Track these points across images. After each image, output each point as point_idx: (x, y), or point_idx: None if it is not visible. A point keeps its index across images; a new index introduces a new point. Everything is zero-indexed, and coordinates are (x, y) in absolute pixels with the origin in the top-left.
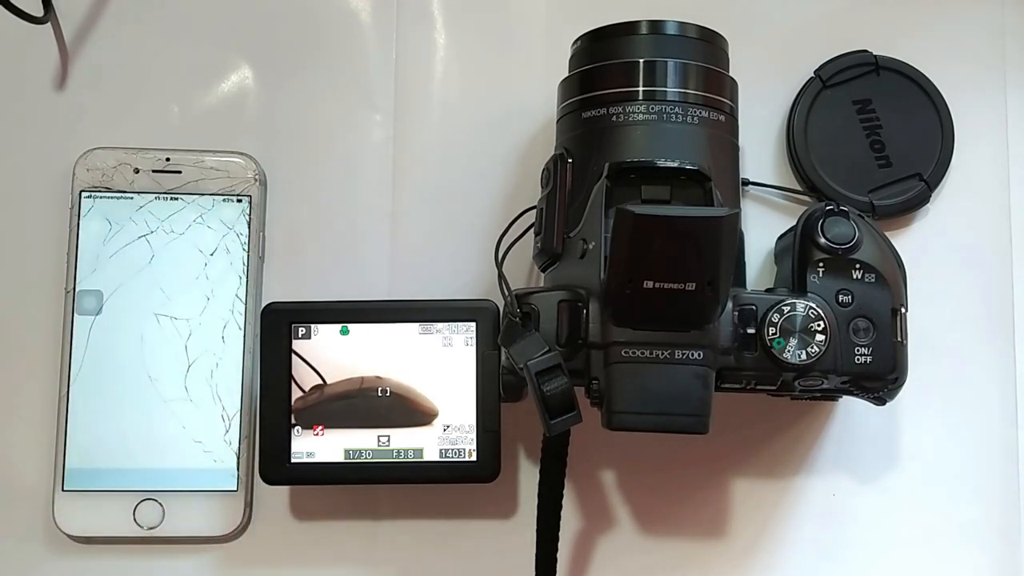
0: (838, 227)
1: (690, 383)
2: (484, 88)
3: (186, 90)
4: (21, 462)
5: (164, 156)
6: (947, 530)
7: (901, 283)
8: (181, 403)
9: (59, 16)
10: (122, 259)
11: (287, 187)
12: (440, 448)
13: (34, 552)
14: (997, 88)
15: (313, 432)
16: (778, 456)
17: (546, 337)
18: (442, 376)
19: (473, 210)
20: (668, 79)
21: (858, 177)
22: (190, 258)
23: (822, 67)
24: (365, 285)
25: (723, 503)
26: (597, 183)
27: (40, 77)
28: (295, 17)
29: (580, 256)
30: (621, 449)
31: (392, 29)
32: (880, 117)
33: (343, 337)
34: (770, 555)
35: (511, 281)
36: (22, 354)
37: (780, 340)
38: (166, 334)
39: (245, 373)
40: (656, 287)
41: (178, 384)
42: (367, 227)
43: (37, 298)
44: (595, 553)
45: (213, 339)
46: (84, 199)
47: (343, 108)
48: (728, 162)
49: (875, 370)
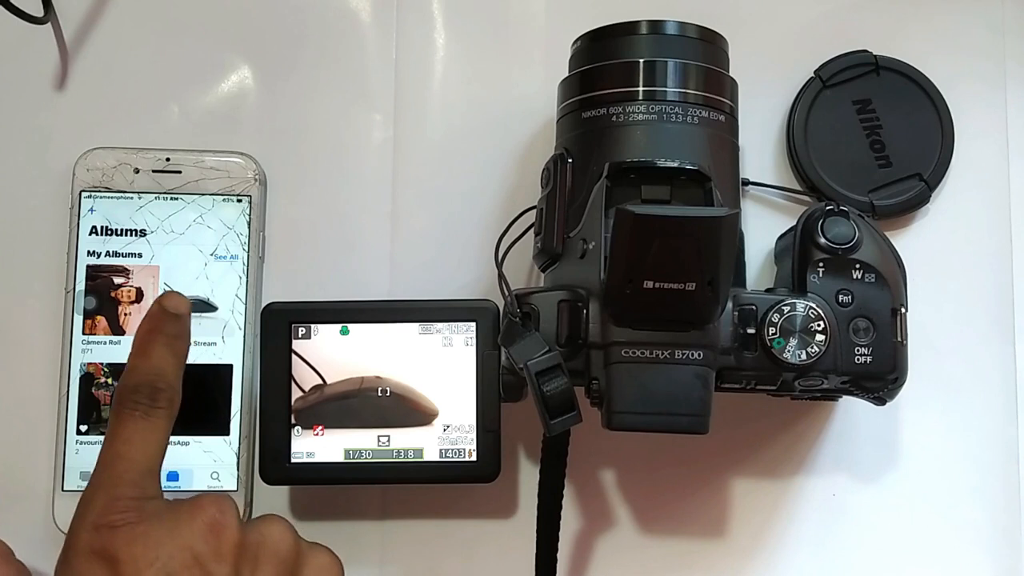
0: (838, 227)
1: (690, 383)
2: (484, 88)
3: (186, 90)
4: (21, 462)
5: (164, 156)
6: (947, 530)
7: (901, 283)
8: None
9: (59, 16)
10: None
11: (287, 187)
12: (440, 448)
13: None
14: (997, 88)
15: (313, 432)
16: (778, 456)
17: (546, 337)
18: (442, 376)
19: (473, 210)
20: (668, 79)
21: (858, 177)
22: (190, 258)
23: (822, 67)
24: (365, 285)
25: (723, 503)
26: (597, 183)
27: (40, 77)
28: (295, 17)
29: (580, 256)
30: (621, 449)
31: (392, 29)
32: (880, 117)
33: (343, 337)
34: (770, 555)
35: (511, 281)
36: (22, 354)
37: (780, 340)
38: None
39: (245, 373)
40: (656, 287)
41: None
42: (367, 227)
43: (37, 298)
44: (595, 553)
45: (213, 339)
46: (84, 199)
47: (343, 108)
48: (728, 162)
49: (875, 370)
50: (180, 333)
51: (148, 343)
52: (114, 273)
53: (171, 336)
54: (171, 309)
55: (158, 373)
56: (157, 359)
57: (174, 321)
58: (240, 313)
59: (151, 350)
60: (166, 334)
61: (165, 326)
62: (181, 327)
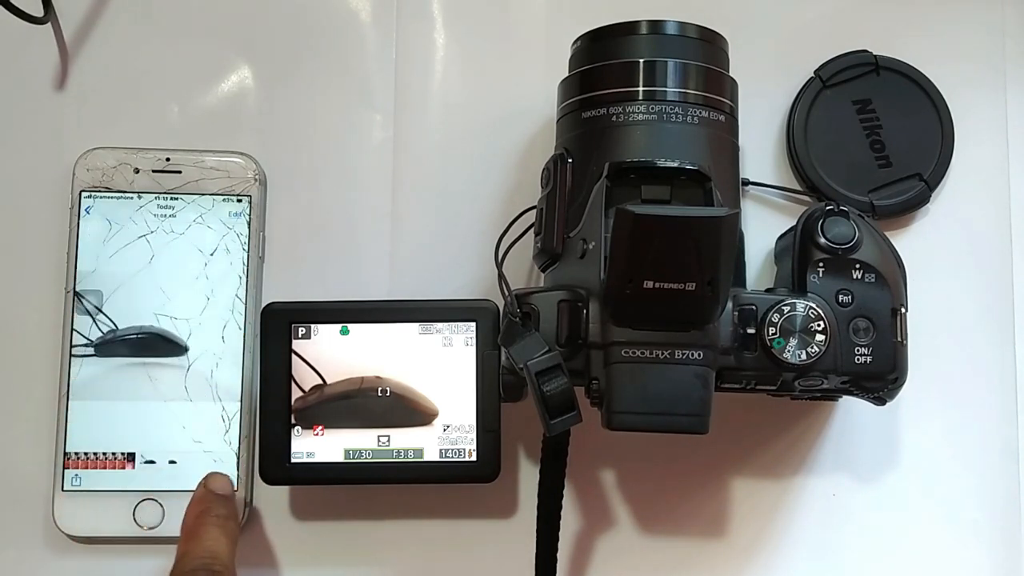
0: (838, 227)
1: (690, 383)
2: (484, 88)
3: (186, 90)
4: (21, 462)
5: (164, 156)
6: (947, 530)
7: (901, 283)
8: (181, 403)
9: (59, 16)
10: (122, 259)
11: (287, 187)
12: (440, 448)
13: (34, 552)
14: (997, 88)
15: (313, 432)
16: (778, 456)
17: (546, 337)
18: (442, 376)
19: (473, 210)
20: (668, 79)
21: (858, 177)
22: (190, 258)
23: (822, 67)
24: (365, 285)
25: (723, 503)
26: (597, 183)
27: (40, 77)
28: (295, 17)
29: (580, 256)
30: (621, 449)
31: (392, 29)
32: (880, 117)
33: (343, 337)
34: (770, 555)
35: (511, 281)
36: (22, 354)
37: (780, 340)
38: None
39: (245, 373)
40: (656, 287)
41: (178, 384)
42: (367, 227)
43: (37, 298)
44: (595, 553)
45: (213, 339)
46: (84, 199)
47: (343, 108)
48: (728, 162)
49: (875, 370)
50: (230, 514)
51: (199, 526)
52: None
53: (222, 517)
54: (218, 491)
55: (213, 555)
56: (211, 541)
57: (223, 503)
58: (240, 313)
59: (203, 532)
60: (216, 515)
61: (214, 508)
62: (230, 507)
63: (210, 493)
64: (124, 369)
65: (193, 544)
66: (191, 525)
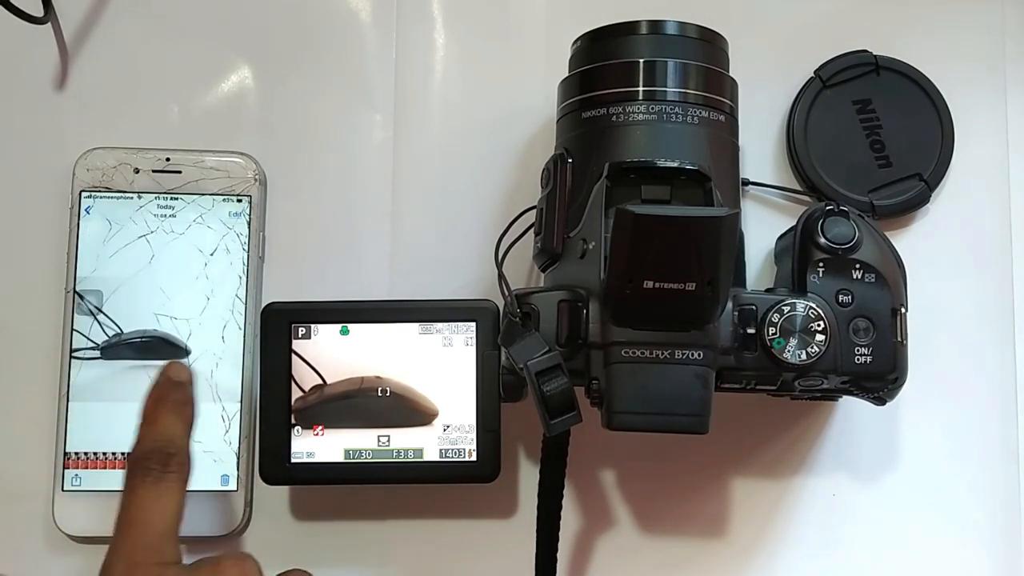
0: (838, 227)
1: (690, 383)
2: (484, 88)
3: (186, 90)
4: (21, 462)
5: (164, 156)
6: (947, 530)
7: (901, 283)
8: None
9: (59, 16)
10: (122, 259)
11: (287, 187)
12: (440, 448)
13: (34, 552)
14: (997, 88)
15: (313, 432)
16: (778, 456)
17: (546, 337)
18: (442, 376)
19: (473, 210)
20: (668, 79)
21: (858, 177)
22: (190, 258)
23: (822, 67)
24: (365, 285)
25: (723, 503)
26: (597, 183)
27: (40, 77)
28: (295, 17)
29: (580, 256)
30: (621, 449)
31: (392, 29)
32: (880, 117)
33: (343, 337)
34: (770, 555)
35: (511, 281)
36: (22, 354)
37: (780, 340)
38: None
39: (245, 373)
40: (656, 287)
41: None
42: (367, 227)
43: (37, 298)
44: (595, 553)
45: (213, 339)
46: (84, 199)
47: (343, 108)
48: (728, 162)
49: (875, 370)
50: (187, 399)
51: (156, 411)
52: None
53: (178, 403)
54: (175, 378)
55: (168, 439)
56: (166, 426)
57: (180, 389)
58: (240, 313)
59: (159, 418)
60: (173, 401)
61: (171, 394)
62: (187, 393)
63: (169, 380)
64: (126, 371)
65: (150, 428)
66: (149, 410)
